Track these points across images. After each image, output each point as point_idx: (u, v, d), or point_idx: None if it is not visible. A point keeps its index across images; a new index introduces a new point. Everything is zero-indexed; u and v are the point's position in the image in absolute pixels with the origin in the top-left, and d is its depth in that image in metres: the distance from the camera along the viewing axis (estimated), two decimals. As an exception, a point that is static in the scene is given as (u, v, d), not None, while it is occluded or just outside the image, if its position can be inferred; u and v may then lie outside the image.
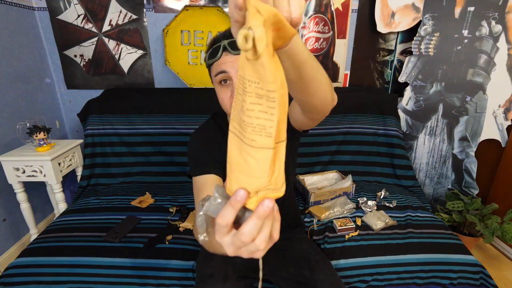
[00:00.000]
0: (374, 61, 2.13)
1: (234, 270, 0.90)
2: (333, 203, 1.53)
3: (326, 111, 0.65)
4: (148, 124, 1.85)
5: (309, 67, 0.51)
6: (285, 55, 0.45)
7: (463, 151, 2.04)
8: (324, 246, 1.26)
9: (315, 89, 0.57)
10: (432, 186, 2.16)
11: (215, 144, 0.91)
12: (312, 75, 0.53)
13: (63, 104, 2.11)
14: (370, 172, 1.91)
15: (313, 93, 0.58)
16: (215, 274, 0.88)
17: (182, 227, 1.35)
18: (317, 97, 0.59)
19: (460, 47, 1.88)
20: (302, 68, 0.50)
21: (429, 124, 2.04)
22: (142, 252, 1.18)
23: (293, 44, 0.44)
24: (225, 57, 0.77)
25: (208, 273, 0.89)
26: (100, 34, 1.94)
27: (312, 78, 0.54)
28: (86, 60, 1.99)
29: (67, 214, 1.46)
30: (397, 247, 1.24)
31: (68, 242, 1.25)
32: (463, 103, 1.96)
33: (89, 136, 1.83)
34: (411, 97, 2.01)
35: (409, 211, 1.50)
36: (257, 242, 0.34)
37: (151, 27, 1.95)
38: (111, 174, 1.83)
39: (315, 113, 0.67)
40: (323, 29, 2.00)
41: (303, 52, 0.47)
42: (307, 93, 0.58)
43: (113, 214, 1.45)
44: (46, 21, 1.89)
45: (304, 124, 0.79)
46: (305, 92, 0.57)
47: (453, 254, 1.22)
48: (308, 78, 0.53)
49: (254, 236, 0.33)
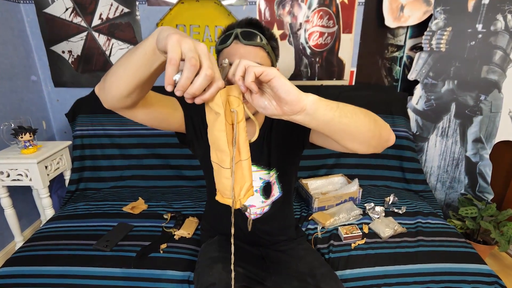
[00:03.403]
0: (382, 58, 2.13)
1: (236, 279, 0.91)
2: (338, 209, 1.54)
3: (375, 151, 0.70)
4: (141, 125, 1.85)
5: (336, 124, 0.60)
6: (307, 117, 0.57)
7: (477, 154, 2.05)
8: (328, 256, 1.27)
9: (351, 139, 0.64)
10: (444, 191, 2.16)
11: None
12: (341, 129, 0.61)
13: (50, 103, 2.12)
14: (378, 176, 1.92)
15: (351, 141, 0.65)
16: (216, 283, 0.89)
17: (177, 235, 1.35)
18: (357, 143, 0.66)
19: (473, 43, 1.88)
20: (328, 127, 0.60)
21: (440, 125, 2.05)
22: (134, 261, 1.19)
23: (310, 109, 0.56)
24: (235, 46, 0.82)
25: (209, 282, 0.90)
26: (89, 29, 1.94)
27: (344, 132, 0.62)
28: (74, 57, 2.00)
29: (55, 221, 1.46)
30: (407, 256, 1.25)
31: (55, 250, 1.25)
32: (477, 102, 1.97)
33: (78, 137, 1.83)
34: (422, 96, 2.01)
35: (419, 218, 1.50)
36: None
37: (144, 21, 1.95)
38: (102, 178, 1.83)
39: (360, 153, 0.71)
40: (328, 23, 2.01)
41: (323, 115, 0.57)
42: (343, 141, 0.65)
43: (103, 220, 1.45)
44: (32, 15, 1.90)
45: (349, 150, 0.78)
46: (340, 141, 0.65)
47: (466, 264, 1.22)
48: (339, 132, 0.62)
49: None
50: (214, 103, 0.52)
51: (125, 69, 0.60)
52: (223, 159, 0.56)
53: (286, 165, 1.06)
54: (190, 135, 0.97)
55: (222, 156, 0.56)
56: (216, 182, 0.60)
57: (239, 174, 0.58)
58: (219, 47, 0.87)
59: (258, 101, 0.58)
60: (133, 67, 0.58)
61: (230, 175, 0.56)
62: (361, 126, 0.63)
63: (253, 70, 0.52)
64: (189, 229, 1.38)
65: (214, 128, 0.54)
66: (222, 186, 0.58)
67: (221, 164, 0.57)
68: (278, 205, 1.09)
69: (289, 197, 1.13)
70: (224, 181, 0.57)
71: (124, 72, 0.60)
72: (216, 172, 0.59)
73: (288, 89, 0.53)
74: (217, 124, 0.53)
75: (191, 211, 1.55)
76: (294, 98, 0.54)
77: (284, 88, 0.53)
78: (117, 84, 0.62)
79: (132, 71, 0.59)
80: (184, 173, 1.87)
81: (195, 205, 1.62)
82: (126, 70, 0.60)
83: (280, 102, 0.56)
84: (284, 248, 1.14)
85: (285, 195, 1.09)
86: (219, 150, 0.56)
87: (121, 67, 0.60)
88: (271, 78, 0.52)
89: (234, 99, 0.55)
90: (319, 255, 1.13)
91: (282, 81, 0.53)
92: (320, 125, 0.59)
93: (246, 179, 0.59)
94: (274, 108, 0.57)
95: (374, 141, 0.66)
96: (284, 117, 0.58)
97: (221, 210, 1.11)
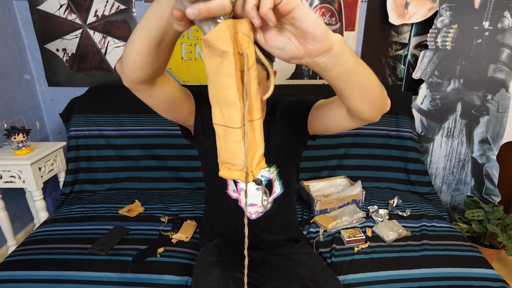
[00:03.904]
0: (385, 56, 2.14)
1: (234, 285, 0.91)
2: (340, 212, 1.54)
3: (376, 116, 0.69)
4: (137, 125, 1.86)
5: (356, 74, 0.56)
6: (332, 60, 0.50)
7: (483, 155, 2.05)
8: (330, 260, 1.27)
9: (362, 95, 0.62)
10: (450, 193, 2.17)
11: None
12: (359, 81, 0.58)
13: (44, 103, 2.12)
14: (381, 177, 1.92)
15: (361, 99, 0.62)
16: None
17: (175, 239, 1.35)
18: (365, 103, 0.63)
19: (480, 40, 1.89)
20: (348, 76, 0.55)
21: (446, 125, 2.05)
22: (131, 266, 1.19)
23: (337, 49, 0.49)
24: None
25: (208, 287, 0.91)
26: (84, 26, 1.95)
27: (359, 85, 0.59)
28: (69, 55, 2.00)
29: (49, 224, 1.46)
30: (411, 261, 1.25)
31: (49, 254, 1.25)
32: (484, 102, 1.97)
33: (72, 138, 1.84)
34: (427, 96, 2.02)
35: (424, 221, 1.51)
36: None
37: (141, 18, 1.95)
38: (97, 180, 1.83)
39: (362, 118, 0.70)
40: (330, 21, 2.02)
41: (348, 60, 0.52)
42: (354, 99, 0.62)
43: (99, 224, 1.45)
44: (25, 12, 1.90)
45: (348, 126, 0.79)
46: (352, 98, 0.62)
47: (472, 268, 1.22)
48: (355, 85, 0.58)
49: None
50: (219, 39, 0.41)
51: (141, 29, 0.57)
52: (231, 116, 0.45)
53: (286, 161, 1.06)
54: (197, 127, 0.99)
55: (230, 112, 0.45)
56: (221, 151, 0.49)
57: (250, 137, 0.47)
58: None
59: (274, 40, 0.47)
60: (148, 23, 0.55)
61: (242, 137, 0.45)
62: (374, 81, 0.61)
63: None
64: (187, 232, 1.38)
65: (220, 74, 0.43)
66: (231, 153, 0.47)
67: (228, 124, 0.46)
68: (279, 203, 1.09)
69: (290, 194, 1.14)
70: (233, 146, 0.46)
71: (140, 33, 0.57)
72: (220, 138, 0.49)
73: (315, 21, 0.44)
74: (224, 68, 0.42)
75: (189, 214, 1.55)
76: (322, 33, 0.45)
77: (310, 20, 0.44)
78: (135, 48, 0.59)
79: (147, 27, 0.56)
80: (182, 175, 1.88)
81: (193, 207, 1.62)
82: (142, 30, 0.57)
83: (304, 39, 0.46)
84: (285, 252, 1.14)
85: (286, 192, 1.10)
86: (225, 104, 0.45)
87: (137, 30, 0.58)
88: (294, 7, 0.42)
89: (243, 37, 0.43)
90: (321, 259, 1.14)
91: (307, 11, 0.43)
92: (343, 73, 0.54)
93: (258, 145, 0.48)
94: (295, 48, 0.47)
95: (379, 100, 0.65)
96: (306, 59, 0.49)
97: (222, 211, 1.11)
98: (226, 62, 0.42)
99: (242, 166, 0.47)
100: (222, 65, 0.42)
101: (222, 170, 0.50)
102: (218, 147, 0.49)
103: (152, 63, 0.62)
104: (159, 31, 0.54)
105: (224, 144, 0.48)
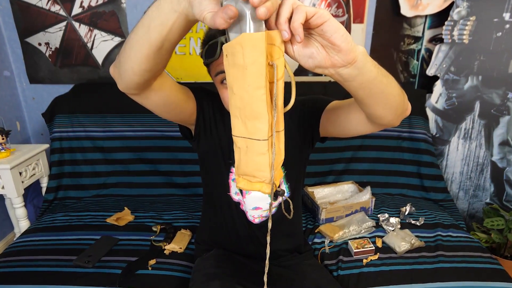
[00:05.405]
0: (397, 50, 2.15)
1: None
2: (348, 221, 1.55)
3: (397, 121, 0.76)
4: (126, 126, 1.87)
5: (377, 84, 0.62)
6: (355, 71, 0.56)
7: (504, 158, 2.06)
8: (337, 273, 1.27)
9: (384, 103, 0.68)
10: (467, 200, 2.17)
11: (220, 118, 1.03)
12: (380, 90, 0.64)
13: (25, 101, 2.13)
14: (392, 183, 1.93)
15: (382, 106, 0.69)
16: None
17: (168, 250, 1.36)
18: (387, 109, 0.70)
19: (500, 34, 1.89)
20: (369, 86, 0.61)
21: (463, 126, 2.06)
22: (120, 279, 1.19)
23: (361, 61, 0.55)
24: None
25: None
26: (69, 18, 1.96)
27: (380, 94, 0.65)
28: (52, 49, 2.01)
29: (30, 234, 1.47)
30: (425, 274, 1.26)
31: (31, 267, 1.26)
32: (504, 101, 1.98)
33: (56, 140, 1.84)
34: (442, 94, 2.03)
35: (439, 230, 1.51)
36: None
37: (131, 9, 1.97)
38: (83, 186, 1.84)
39: (383, 123, 0.77)
40: (337, 12, 2.03)
41: (370, 71, 0.58)
42: (375, 106, 0.69)
43: (85, 233, 1.46)
44: (4, 3, 1.91)
45: (366, 130, 0.86)
46: (373, 106, 0.69)
47: (492, 282, 1.23)
48: (376, 94, 0.65)
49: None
50: (255, 48, 0.43)
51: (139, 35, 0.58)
52: (257, 128, 0.48)
53: (294, 163, 1.08)
54: (198, 128, 1.01)
55: (257, 124, 0.48)
56: (241, 164, 0.52)
57: (275, 149, 0.50)
58: (207, 61, 0.88)
59: (303, 50, 0.54)
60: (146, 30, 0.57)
61: (267, 149, 0.48)
62: (395, 88, 0.67)
63: (304, 10, 0.46)
64: (181, 243, 1.39)
65: (249, 86, 0.45)
66: (254, 165, 0.51)
67: (253, 136, 0.49)
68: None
69: (297, 198, 1.15)
70: (258, 158, 0.50)
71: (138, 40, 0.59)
72: (241, 151, 0.52)
73: (343, 34, 0.50)
74: (253, 79, 0.45)
75: (183, 223, 1.56)
76: (349, 46, 0.52)
77: (340, 33, 0.50)
78: (133, 55, 0.61)
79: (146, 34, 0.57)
80: (175, 180, 1.88)
81: (188, 216, 1.63)
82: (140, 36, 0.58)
83: (331, 50, 0.53)
84: (288, 263, 1.15)
85: (293, 195, 1.11)
86: (252, 116, 0.48)
87: (134, 35, 0.59)
88: (325, 21, 0.49)
89: (275, 49, 0.47)
90: (326, 272, 1.15)
91: (337, 25, 0.50)
92: (364, 82, 0.60)
93: (282, 156, 0.53)
94: (323, 58, 0.54)
95: (400, 107, 0.71)
96: (329, 69, 0.56)
97: (223, 216, 1.12)
98: (255, 73, 0.44)
99: (265, 178, 0.50)
100: (250, 76, 0.45)
101: (241, 182, 0.54)
102: (237, 159, 0.53)
103: (150, 69, 0.64)
104: (160, 39, 0.56)
105: (246, 156, 0.51)
